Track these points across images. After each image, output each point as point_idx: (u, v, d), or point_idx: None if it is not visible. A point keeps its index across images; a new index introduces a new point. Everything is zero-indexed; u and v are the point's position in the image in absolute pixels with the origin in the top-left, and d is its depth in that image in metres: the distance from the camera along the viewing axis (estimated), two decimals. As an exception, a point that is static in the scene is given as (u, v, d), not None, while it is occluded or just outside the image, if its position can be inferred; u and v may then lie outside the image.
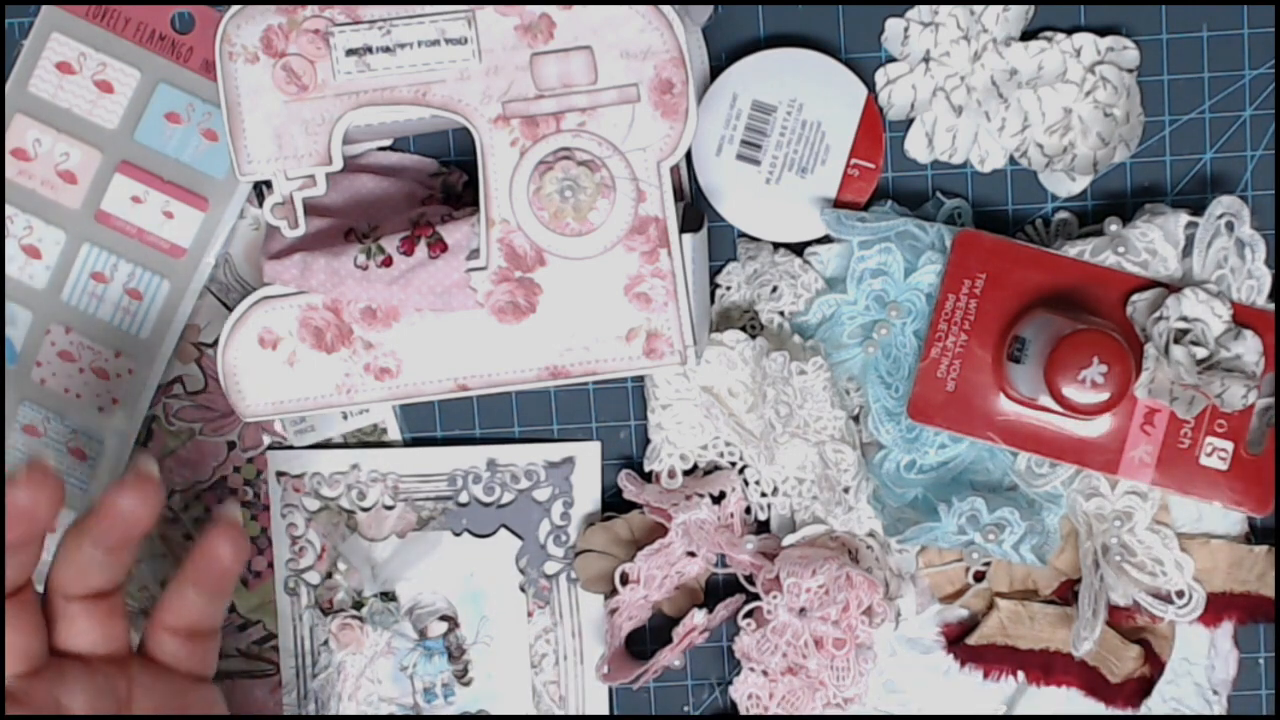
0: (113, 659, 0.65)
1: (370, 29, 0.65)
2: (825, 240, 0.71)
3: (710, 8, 0.70)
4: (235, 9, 0.66)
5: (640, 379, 0.73)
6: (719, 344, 0.70)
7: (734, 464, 0.72)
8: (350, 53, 0.66)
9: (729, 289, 0.72)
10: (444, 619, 0.74)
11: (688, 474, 0.72)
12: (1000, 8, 0.69)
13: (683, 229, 0.67)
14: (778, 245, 0.72)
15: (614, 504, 0.73)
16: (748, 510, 0.72)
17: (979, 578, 0.72)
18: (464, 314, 0.67)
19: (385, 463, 0.74)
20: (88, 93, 0.72)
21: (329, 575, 0.74)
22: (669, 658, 0.70)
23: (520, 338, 0.67)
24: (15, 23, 0.73)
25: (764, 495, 0.72)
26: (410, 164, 0.72)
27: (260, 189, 0.73)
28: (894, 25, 0.70)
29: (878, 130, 0.70)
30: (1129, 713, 0.71)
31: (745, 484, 0.72)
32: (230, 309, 0.73)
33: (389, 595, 0.74)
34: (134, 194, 0.72)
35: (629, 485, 0.72)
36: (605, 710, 0.74)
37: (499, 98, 0.66)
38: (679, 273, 0.66)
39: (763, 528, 0.73)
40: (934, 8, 0.70)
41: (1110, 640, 0.70)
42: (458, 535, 0.74)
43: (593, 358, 0.67)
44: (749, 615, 0.70)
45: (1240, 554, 0.71)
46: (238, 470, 0.74)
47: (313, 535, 0.74)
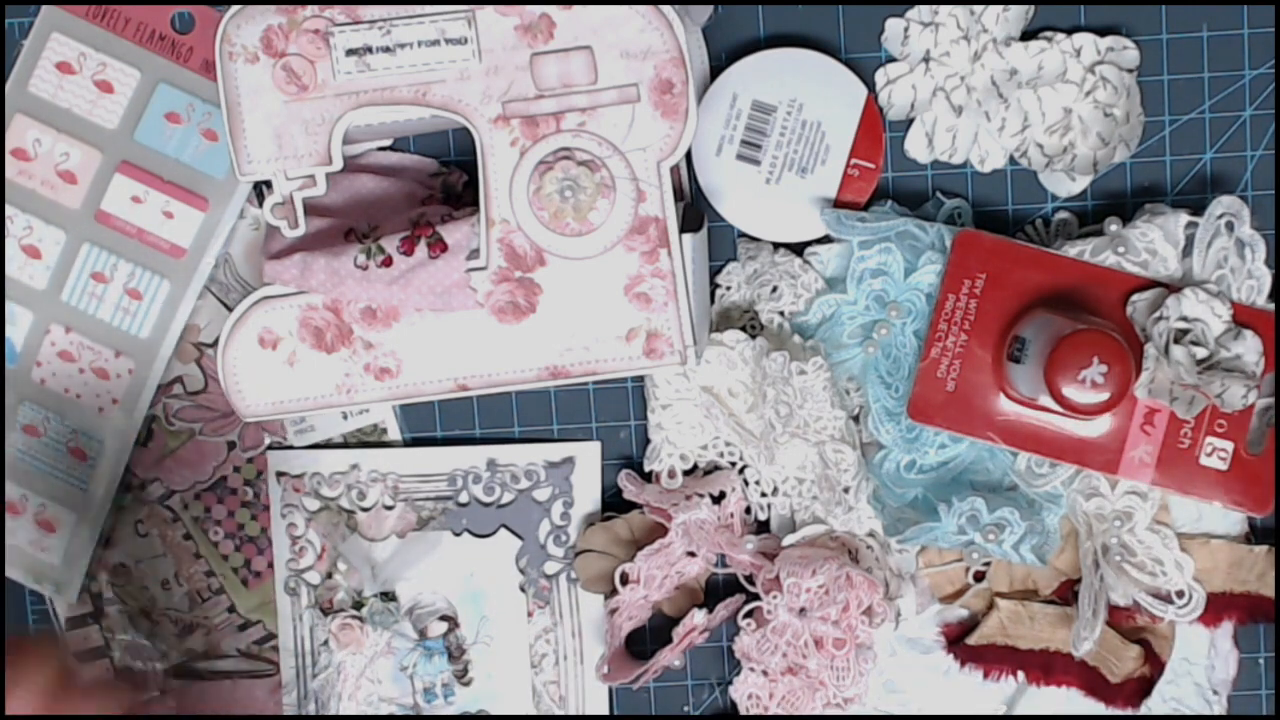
0: None
1: (370, 29, 0.65)
2: (825, 240, 0.71)
3: (710, 8, 0.70)
4: (235, 9, 0.66)
5: (640, 379, 0.73)
6: (719, 344, 0.70)
7: (734, 464, 0.72)
8: (350, 53, 0.66)
9: (729, 289, 0.72)
10: (444, 619, 0.74)
11: (688, 474, 0.72)
12: (1000, 8, 0.69)
13: (683, 229, 0.67)
14: (778, 245, 0.71)
15: (614, 504, 0.73)
16: (748, 510, 0.72)
17: (979, 578, 0.72)
18: (464, 314, 0.67)
19: (385, 463, 0.74)
20: (88, 93, 0.72)
21: (329, 575, 0.74)
22: (669, 658, 0.70)
23: (520, 338, 0.67)
24: (15, 23, 0.73)
25: (764, 495, 0.72)
26: (410, 164, 0.72)
27: (260, 189, 0.72)
28: (894, 25, 0.70)
29: (878, 130, 0.70)
30: (1129, 713, 0.71)
31: (745, 484, 0.72)
32: (230, 309, 0.73)
33: (389, 595, 0.74)
34: (134, 194, 0.72)
35: (629, 485, 0.72)
36: (605, 710, 0.74)
37: (499, 98, 0.66)
38: (679, 273, 0.66)
39: (763, 528, 0.73)
40: (934, 8, 0.70)
41: (1110, 640, 0.70)
42: (458, 535, 0.74)
43: (593, 358, 0.67)
44: (749, 615, 0.70)
45: (1240, 554, 0.70)
46: (238, 470, 0.74)
47: (313, 535, 0.74)
